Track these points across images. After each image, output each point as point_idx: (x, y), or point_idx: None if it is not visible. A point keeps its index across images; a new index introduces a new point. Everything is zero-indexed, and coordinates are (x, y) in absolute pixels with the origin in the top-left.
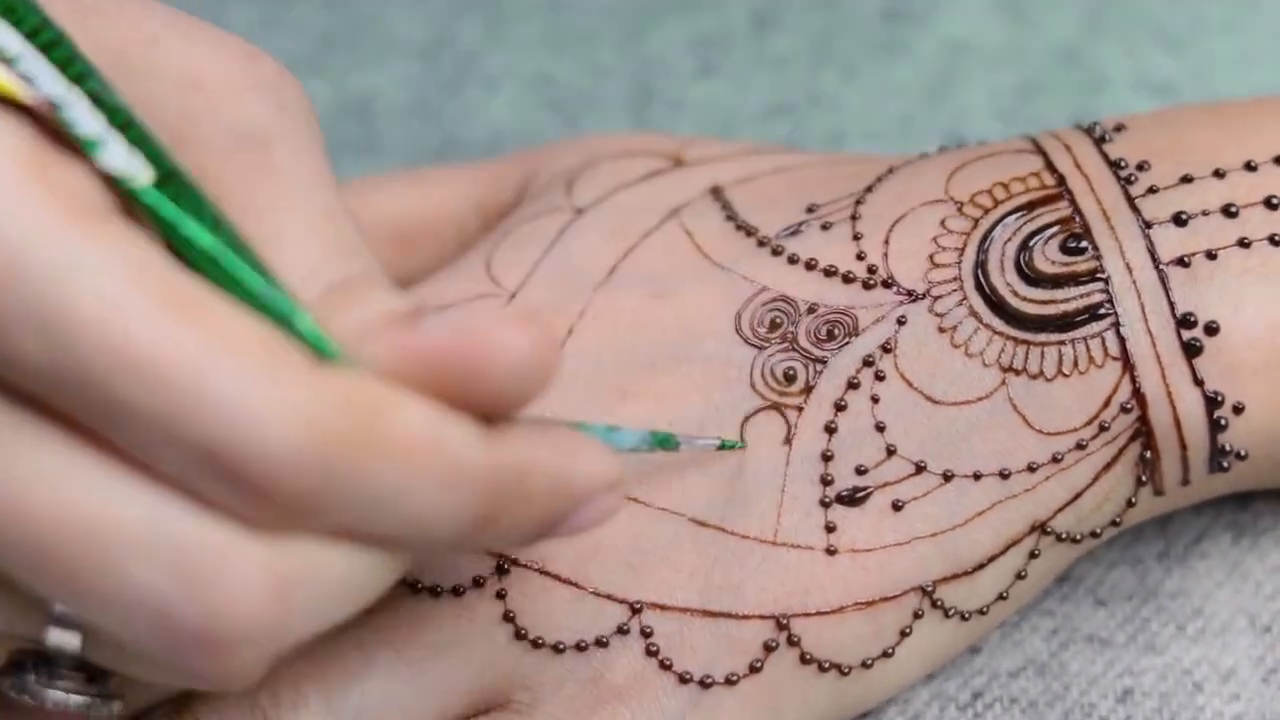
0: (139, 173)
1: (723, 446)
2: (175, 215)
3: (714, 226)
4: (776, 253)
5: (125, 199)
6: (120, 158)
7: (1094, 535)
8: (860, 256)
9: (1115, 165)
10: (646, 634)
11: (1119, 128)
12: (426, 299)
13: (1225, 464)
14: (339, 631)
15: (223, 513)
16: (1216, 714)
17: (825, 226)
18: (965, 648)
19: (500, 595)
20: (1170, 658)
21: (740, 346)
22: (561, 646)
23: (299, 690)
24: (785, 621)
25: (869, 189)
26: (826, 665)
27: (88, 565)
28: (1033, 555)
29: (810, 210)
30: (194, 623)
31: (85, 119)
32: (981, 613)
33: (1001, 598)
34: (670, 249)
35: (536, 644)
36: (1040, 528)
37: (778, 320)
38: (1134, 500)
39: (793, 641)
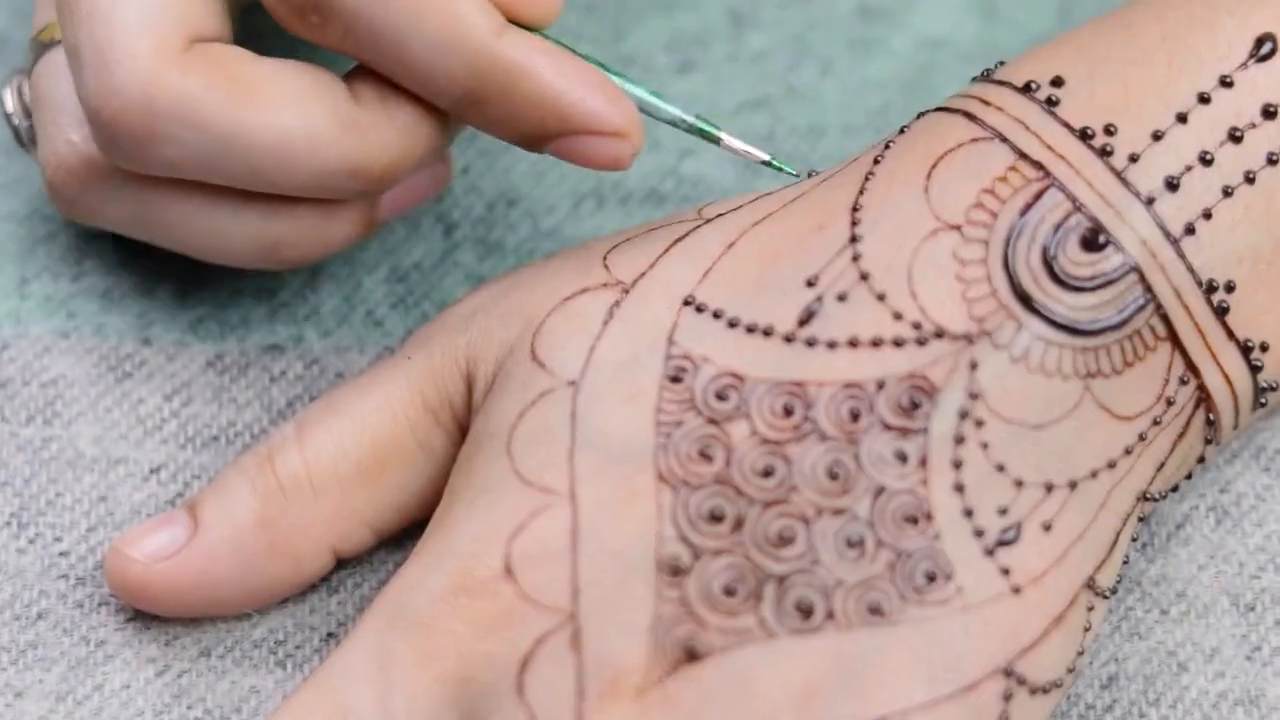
0: None
1: (771, 164)
2: None
3: (724, 340)
4: (811, 344)
5: None
6: None
7: (1173, 490)
8: (898, 316)
9: (1085, 136)
10: None
11: (1057, 81)
12: (481, 531)
13: (1264, 400)
14: None
15: (176, 19)
16: (1201, 693)
17: (841, 297)
18: None
19: None
20: (1154, 641)
21: (840, 447)
22: None
23: None
24: (1010, 669)
25: (853, 239)
26: (1049, 688)
27: (66, 6)
28: (1140, 520)
29: (811, 284)
30: (88, 89)
31: None
32: (1118, 583)
33: (1125, 563)
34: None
35: None
36: (1143, 497)
37: (856, 411)
38: (1203, 456)
39: (1021, 681)
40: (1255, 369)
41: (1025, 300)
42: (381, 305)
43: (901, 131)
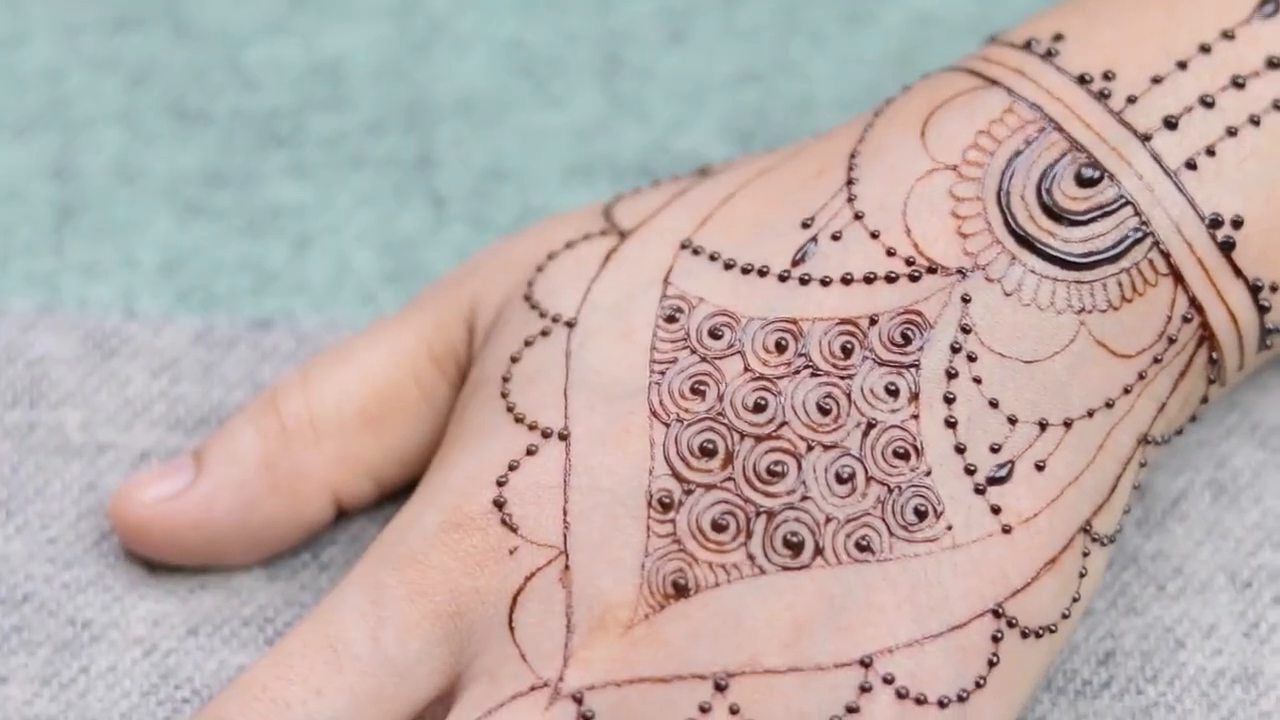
0: None
1: None
2: None
3: (719, 280)
4: (805, 282)
5: None
6: None
7: (1177, 433)
8: (891, 253)
9: (1082, 80)
10: (889, 681)
11: (1057, 37)
12: (474, 470)
13: (1270, 342)
14: None
15: None
16: (1199, 669)
17: (836, 237)
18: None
19: (734, 711)
20: (1151, 617)
21: (832, 382)
22: None
23: None
24: (1000, 609)
25: (850, 182)
26: (1041, 631)
27: None
28: (1141, 465)
29: (806, 225)
30: None
31: None
32: (1119, 531)
33: (1126, 512)
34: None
35: None
36: (1143, 440)
37: (848, 346)
38: (1206, 397)
39: (1012, 624)
40: (1263, 309)
41: (1019, 235)
42: (373, 279)
43: (904, 90)
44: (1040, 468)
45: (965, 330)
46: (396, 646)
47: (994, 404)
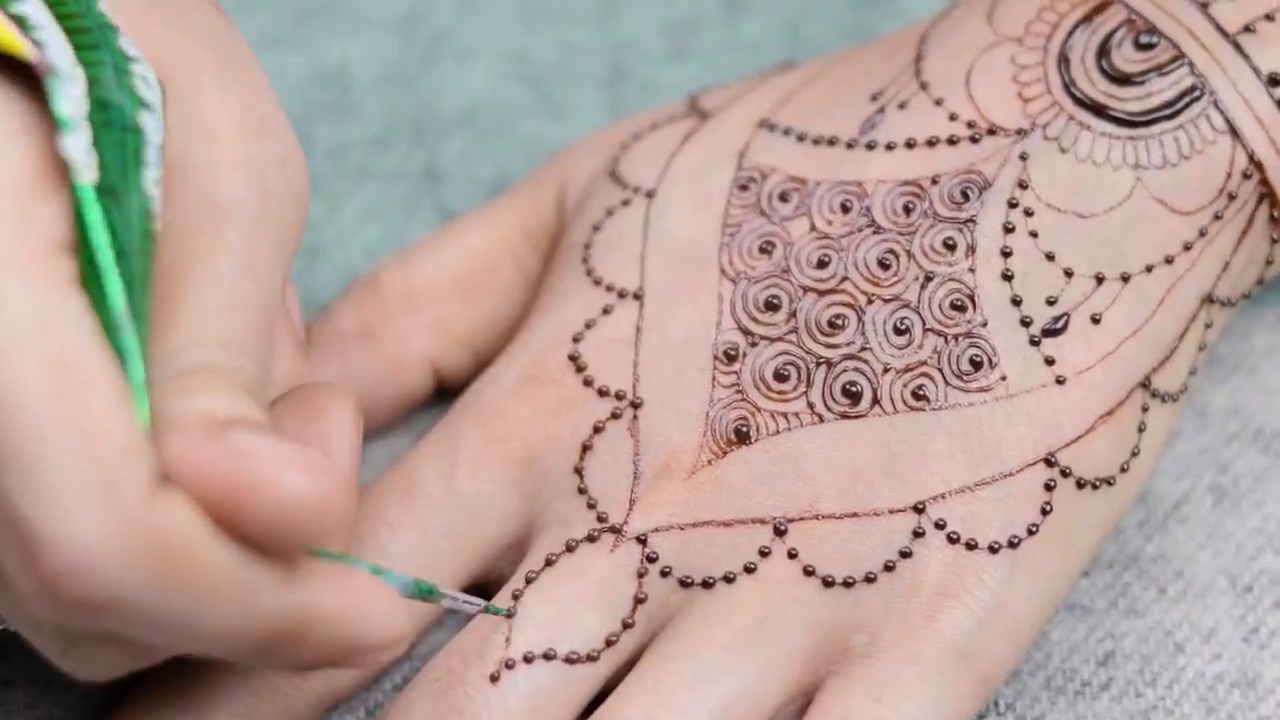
0: (86, 171)
1: (487, 610)
2: (93, 220)
3: (791, 151)
4: (871, 147)
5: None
6: (80, 150)
7: (1244, 297)
8: (954, 117)
9: None
10: (941, 526)
11: None
12: (554, 330)
13: None
14: (662, 645)
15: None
16: (1198, 674)
17: (902, 106)
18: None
19: (792, 555)
20: (1151, 620)
21: (893, 239)
22: (871, 575)
23: (650, 717)
24: (1053, 459)
25: (918, 58)
26: (1098, 483)
27: None
28: (1207, 326)
29: (875, 98)
30: (34, 581)
31: (71, 100)
32: (1183, 390)
33: (1191, 373)
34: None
35: (848, 584)
36: (1207, 299)
37: (910, 204)
38: (1271, 259)
39: (1066, 473)
40: None
41: (1077, 97)
42: None
43: None
44: (1096, 321)
45: (1022, 186)
46: (469, 487)
47: (1050, 257)
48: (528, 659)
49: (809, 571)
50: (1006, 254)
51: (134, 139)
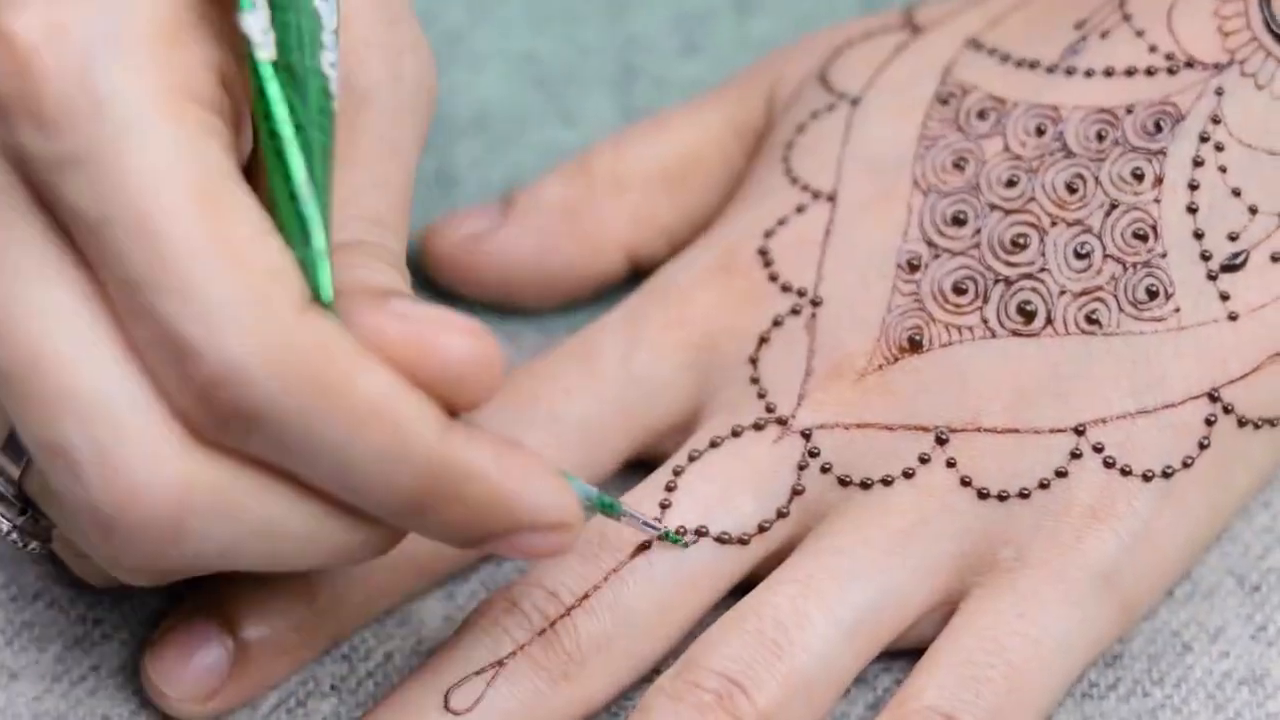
0: (266, 48)
1: (664, 537)
2: (273, 94)
3: (994, 71)
4: (1070, 73)
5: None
6: (258, 29)
7: None
8: (1153, 49)
9: None
10: (1098, 450)
11: None
12: (748, 224)
13: None
14: (814, 541)
15: (166, 409)
16: (1206, 672)
17: (1104, 35)
18: None
19: (950, 464)
20: (1159, 621)
21: (1083, 164)
22: (1026, 491)
23: (798, 610)
24: (1217, 394)
25: None
26: (1260, 423)
27: (33, 399)
28: None
29: (1079, 26)
30: (96, 495)
31: None
32: None
33: None
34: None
35: (1002, 497)
36: None
37: (1103, 132)
38: None
39: (1228, 410)
40: None
41: (1277, 32)
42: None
43: None
44: (1276, 259)
45: (1215, 121)
46: (647, 366)
47: (1236, 193)
48: (680, 532)
49: (965, 482)
50: (1194, 187)
51: (310, 21)
